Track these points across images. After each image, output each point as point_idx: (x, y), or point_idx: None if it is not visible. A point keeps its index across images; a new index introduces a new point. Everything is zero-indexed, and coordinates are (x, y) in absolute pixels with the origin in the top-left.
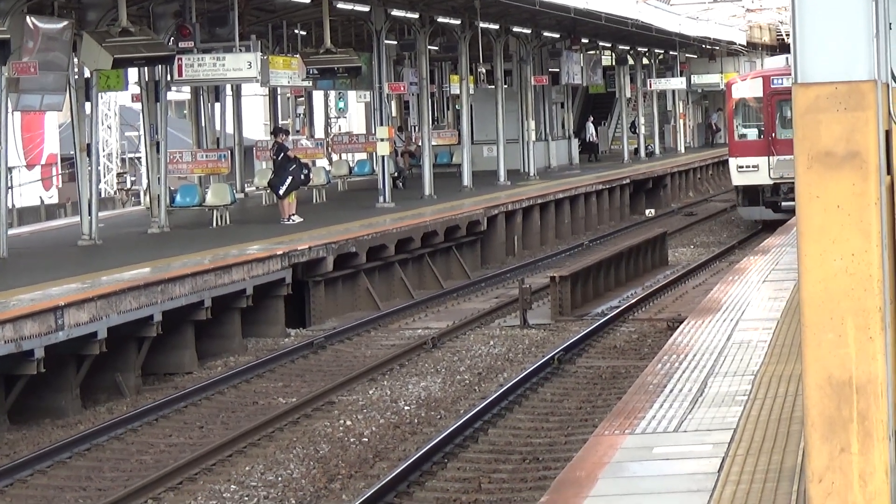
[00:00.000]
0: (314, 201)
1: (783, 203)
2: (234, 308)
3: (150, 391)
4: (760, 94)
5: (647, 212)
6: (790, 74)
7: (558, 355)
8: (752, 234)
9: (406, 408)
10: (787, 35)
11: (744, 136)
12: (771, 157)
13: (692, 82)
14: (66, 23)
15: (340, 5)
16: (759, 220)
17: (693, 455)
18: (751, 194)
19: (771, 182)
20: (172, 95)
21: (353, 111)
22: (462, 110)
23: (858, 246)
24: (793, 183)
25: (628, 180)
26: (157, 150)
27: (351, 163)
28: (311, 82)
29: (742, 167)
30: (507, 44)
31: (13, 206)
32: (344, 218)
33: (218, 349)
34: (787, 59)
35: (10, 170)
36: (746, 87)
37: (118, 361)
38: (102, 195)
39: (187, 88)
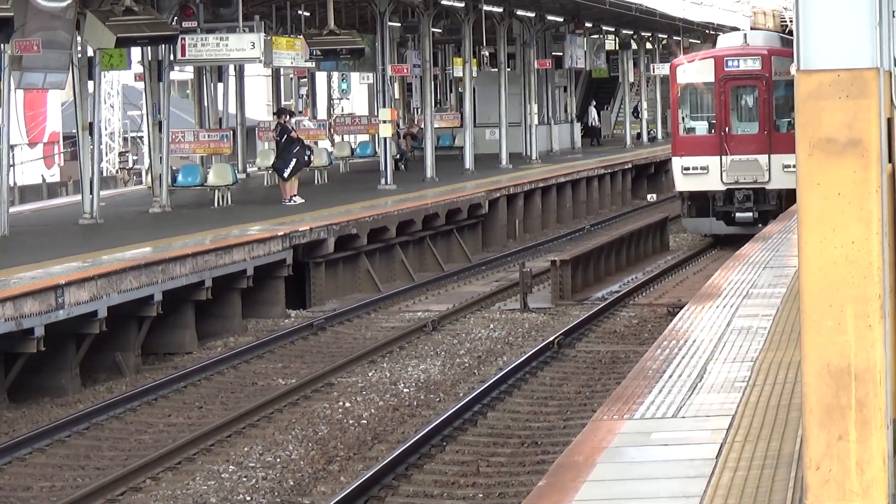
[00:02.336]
0: (316, 182)
1: (737, 214)
2: (234, 288)
3: (149, 371)
4: (711, 80)
5: (648, 197)
6: (747, 55)
7: (558, 339)
8: None
9: (405, 390)
10: (791, 21)
11: (691, 130)
12: (724, 157)
13: None
14: (69, 1)
15: None
16: (708, 234)
17: (691, 441)
18: (699, 202)
19: (723, 188)
20: (175, 75)
21: (356, 93)
22: (465, 93)
23: (859, 234)
24: (749, 190)
25: (630, 165)
26: (160, 130)
27: (353, 144)
28: (314, 63)
29: (688, 169)
30: (510, 27)
31: (15, 184)
32: (345, 199)
33: (218, 329)
34: (744, 35)
35: (11, 148)
36: (694, 71)
37: (118, 341)
38: (104, 174)
39: (190, 68)
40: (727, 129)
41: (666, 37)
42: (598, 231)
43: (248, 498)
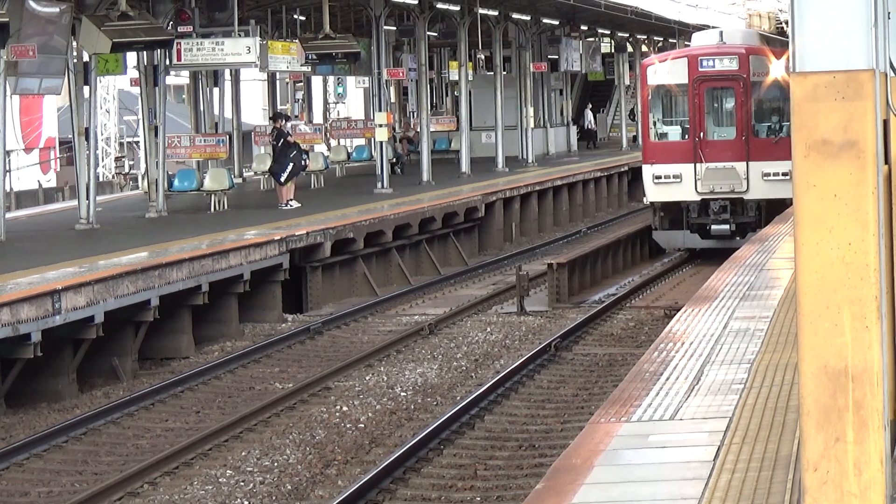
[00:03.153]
0: (312, 186)
1: (713, 226)
2: (231, 293)
3: (146, 376)
4: (685, 81)
5: (645, 199)
6: (723, 55)
7: (555, 342)
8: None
9: (402, 394)
10: (787, 23)
11: (663, 135)
12: (698, 165)
13: None
14: (64, 6)
15: None
16: (681, 248)
17: (689, 443)
18: (671, 214)
19: (698, 198)
20: (171, 80)
21: (352, 97)
22: (461, 97)
23: (855, 235)
24: (726, 200)
25: (626, 168)
26: (156, 135)
27: (349, 148)
28: (309, 67)
29: (659, 178)
30: (506, 30)
31: (11, 189)
32: (342, 203)
33: (215, 334)
34: (720, 33)
35: (8, 153)
36: (666, 71)
37: (115, 346)
38: (100, 179)
39: (186, 73)
40: (702, 134)
41: (661, 39)
42: (595, 234)
43: (246, 502)
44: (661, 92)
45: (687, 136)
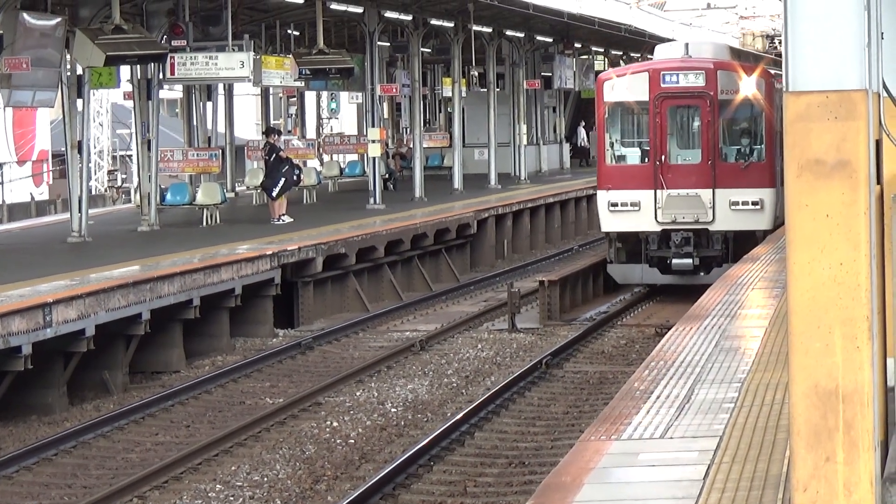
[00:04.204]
0: (305, 202)
1: (675, 260)
2: (222, 307)
3: (137, 389)
4: (645, 98)
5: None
6: (689, 69)
7: (546, 360)
8: None
9: (393, 410)
10: (780, 43)
11: (620, 158)
12: (659, 192)
13: None
14: (59, 19)
15: (334, 6)
16: (639, 283)
17: (679, 462)
18: (629, 246)
19: (658, 228)
20: (164, 94)
21: (345, 112)
22: (454, 113)
23: (847, 255)
24: (689, 232)
25: None
26: (149, 148)
27: (342, 164)
28: (303, 83)
29: (616, 205)
30: (499, 47)
31: (3, 201)
32: (334, 219)
33: (206, 348)
34: (686, 45)
35: (0, 165)
36: (625, 87)
37: (106, 359)
38: (93, 192)
39: (179, 87)
40: (663, 157)
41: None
42: (587, 251)
43: None
44: (619, 110)
45: (647, 160)
